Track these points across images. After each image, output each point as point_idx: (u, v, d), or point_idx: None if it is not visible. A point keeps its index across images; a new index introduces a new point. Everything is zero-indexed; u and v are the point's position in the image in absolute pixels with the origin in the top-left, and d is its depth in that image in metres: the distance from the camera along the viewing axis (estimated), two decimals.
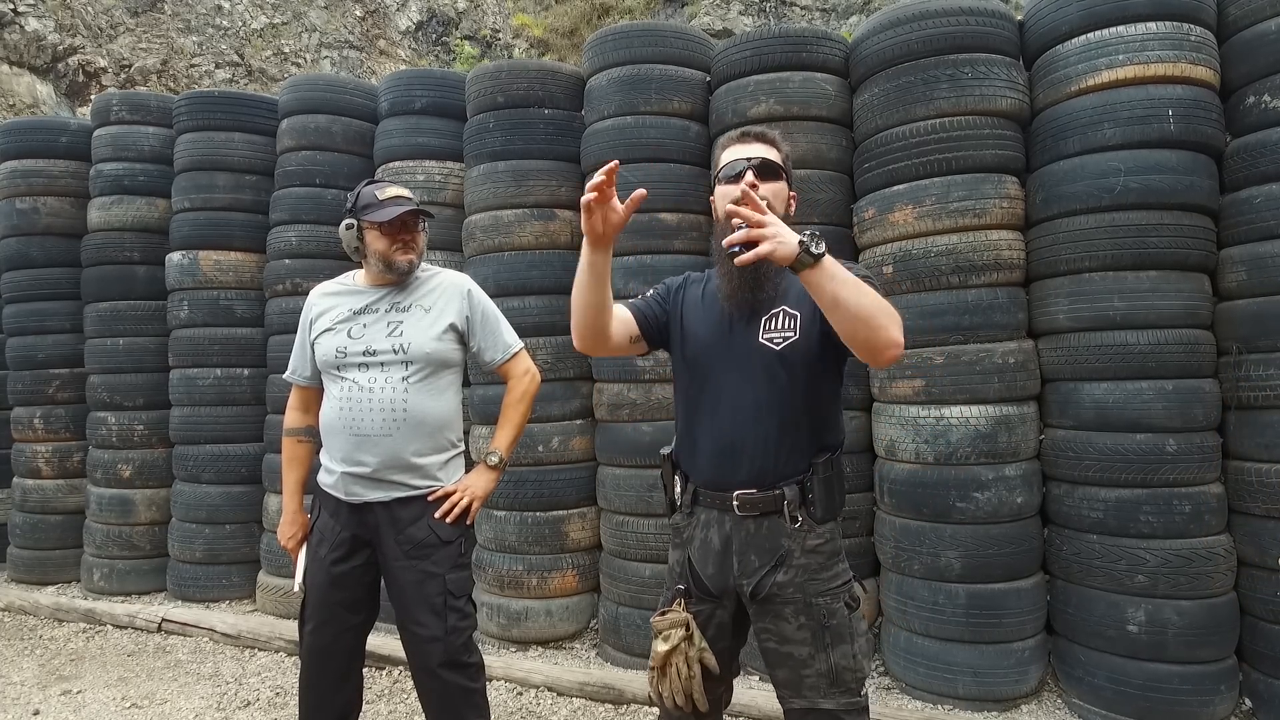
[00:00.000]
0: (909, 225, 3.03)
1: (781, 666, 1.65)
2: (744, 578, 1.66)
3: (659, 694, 1.71)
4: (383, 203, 2.11)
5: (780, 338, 1.63)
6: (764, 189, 1.62)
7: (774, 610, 1.64)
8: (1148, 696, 2.69)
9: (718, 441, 1.68)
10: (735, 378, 1.67)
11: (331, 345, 2.14)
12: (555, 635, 3.58)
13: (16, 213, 4.51)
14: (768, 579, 1.63)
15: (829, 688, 1.60)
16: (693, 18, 9.91)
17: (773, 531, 1.64)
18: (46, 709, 3.12)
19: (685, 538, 1.76)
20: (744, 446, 1.64)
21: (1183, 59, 2.79)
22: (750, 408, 1.65)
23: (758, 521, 1.65)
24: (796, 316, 1.64)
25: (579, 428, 3.61)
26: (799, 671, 1.62)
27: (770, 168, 1.68)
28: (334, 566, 2.12)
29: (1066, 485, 2.91)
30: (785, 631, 1.63)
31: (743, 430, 1.65)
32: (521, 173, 3.64)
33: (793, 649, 1.63)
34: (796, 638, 1.62)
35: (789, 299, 1.67)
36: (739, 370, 1.67)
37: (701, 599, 1.72)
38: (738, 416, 1.66)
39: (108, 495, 4.35)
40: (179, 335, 4.26)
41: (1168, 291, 2.76)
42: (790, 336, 1.63)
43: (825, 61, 3.37)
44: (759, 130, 1.77)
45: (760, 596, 1.64)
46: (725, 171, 1.71)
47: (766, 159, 1.68)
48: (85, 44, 8.90)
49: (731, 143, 1.75)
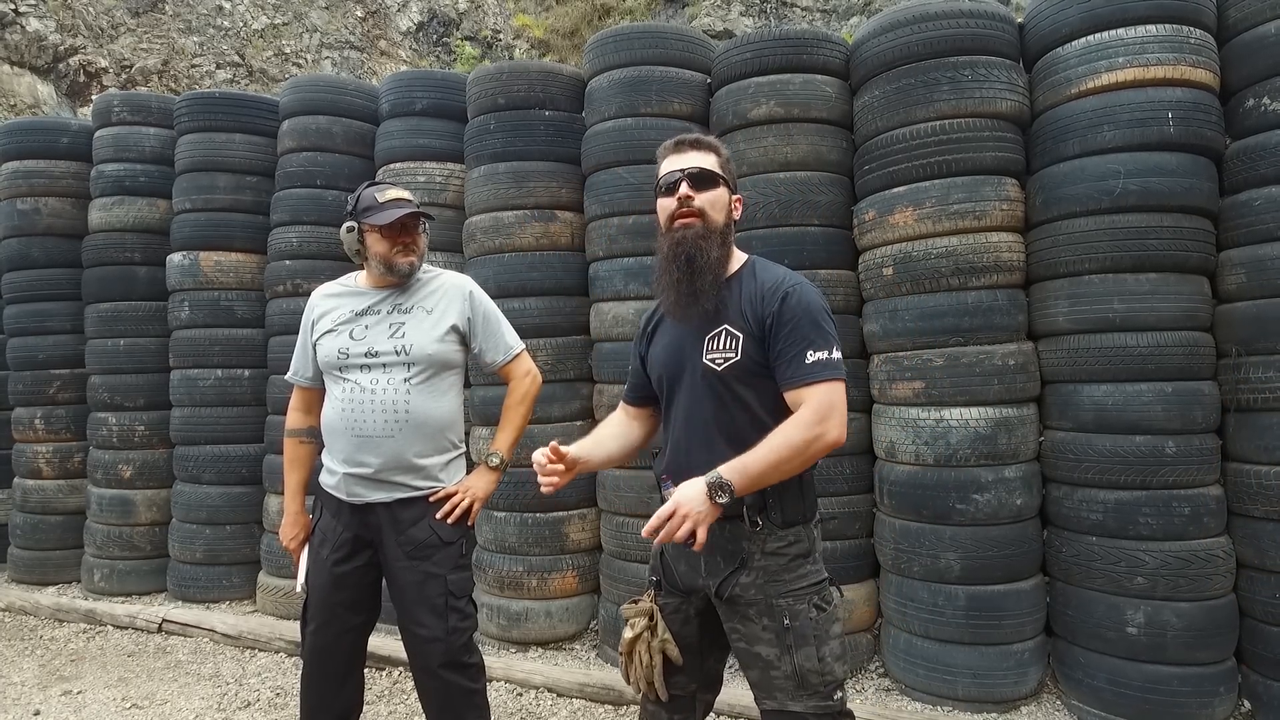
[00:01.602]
0: (909, 227, 3.03)
1: (752, 667, 1.68)
2: (710, 578, 1.69)
3: (627, 679, 1.80)
4: (383, 205, 2.11)
5: (721, 358, 1.65)
6: (700, 199, 1.66)
7: (739, 611, 1.67)
8: (1147, 698, 2.69)
9: (677, 454, 1.73)
10: (686, 396, 1.72)
11: (333, 347, 2.14)
12: (555, 636, 3.58)
13: (18, 213, 4.52)
14: (730, 580, 1.66)
15: (795, 690, 1.62)
16: (693, 19, 9.92)
17: (734, 535, 1.67)
18: (47, 709, 3.12)
19: None
20: (697, 463, 1.63)
21: (1182, 61, 2.80)
22: (700, 424, 1.69)
23: (720, 525, 1.65)
24: (738, 337, 1.64)
25: (579, 429, 3.61)
26: (767, 673, 1.65)
27: (706, 176, 1.67)
28: (336, 567, 2.13)
29: (1066, 487, 2.91)
30: (751, 632, 1.66)
31: (695, 445, 1.69)
32: (522, 174, 3.64)
33: (760, 649, 1.65)
34: (762, 638, 1.65)
35: (730, 318, 1.67)
36: (690, 389, 1.71)
37: (671, 592, 1.78)
38: (691, 433, 1.70)
39: (108, 496, 4.35)
40: (180, 336, 4.27)
41: (1167, 294, 2.77)
42: (731, 357, 1.64)
43: (826, 63, 3.38)
44: (694, 138, 1.74)
45: (725, 597, 1.67)
46: (662, 182, 1.71)
47: (702, 168, 1.67)
48: (86, 44, 8.90)
49: (668, 153, 1.74)
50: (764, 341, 1.63)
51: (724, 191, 1.69)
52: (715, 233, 1.67)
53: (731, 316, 1.66)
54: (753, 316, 1.64)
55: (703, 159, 1.68)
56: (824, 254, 3.26)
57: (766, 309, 1.63)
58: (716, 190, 1.68)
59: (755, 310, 1.64)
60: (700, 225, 1.66)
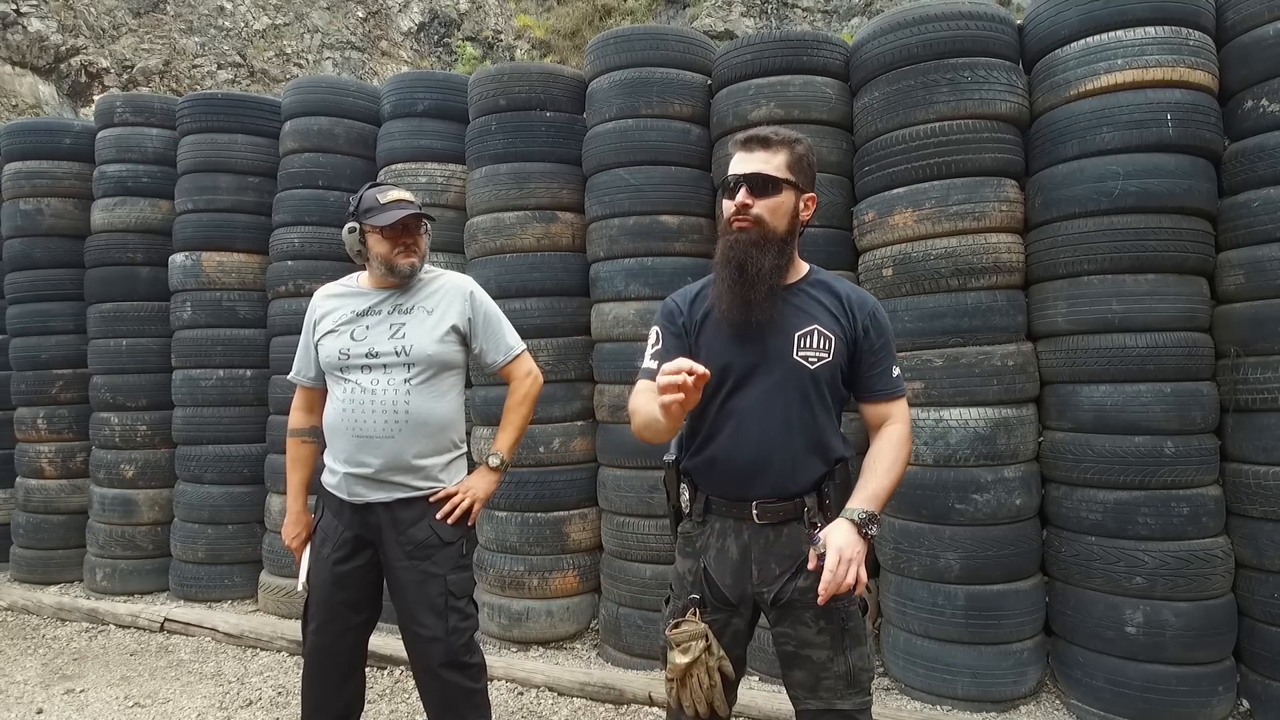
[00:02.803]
0: (909, 228, 3.04)
1: (799, 669, 1.67)
2: (764, 585, 1.67)
3: (678, 703, 1.70)
4: (384, 206, 2.12)
5: (815, 357, 1.65)
6: (759, 206, 1.61)
7: (794, 615, 1.66)
8: (1146, 698, 2.70)
9: (743, 454, 1.66)
10: (761, 389, 1.66)
11: (334, 347, 2.15)
12: (556, 635, 3.59)
13: (20, 214, 4.53)
14: (789, 585, 1.65)
15: (845, 689, 1.63)
16: (694, 19, 9.93)
17: (792, 538, 1.66)
18: (50, 708, 3.13)
19: (699, 547, 1.75)
20: (771, 460, 1.64)
21: (1181, 63, 2.80)
22: (780, 422, 1.65)
23: (777, 529, 1.66)
24: (831, 339, 1.66)
25: (580, 429, 3.62)
26: (817, 674, 1.64)
27: (766, 183, 1.61)
28: (337, 566, 2.14)
29: (1065, 487, 2.92)
30: (805, 635, 1.65)
31: (770, 444, 1.65)
32: (523, 175, 3.65)
33: (811, 652, 1.65)
34: (816, 641, 1.64)
35: (823, 320, 1.67)
36: (768, 382, 1.66)
37: (717, 608, 1.71)
38: (766, 430, 1.65)
39: (110, 495, 4.37)
40: (182, 336, 4.28)
41: (1166, 295, 2.77)
42: (825, 358, 1.65)
43: (825, 65, 3.38)
44: (763, 135, 1.66)
45: (781, 602, 1.66)
46: (726, 181, 1.67)
47: (762, 173, 1.61)
48: (88, 45, 8.92)
49: (737, 149, 1.68)
50: (850, 348, 1.67)
51: (788, 196, 1.63)
52: (773, 241, 1.62)
53: (821, 319, 1.67)
54: (845, 323, 1.67)
55: (769, 161, 1.62)
56: (824, 255, 3.27)
57: (860, 320, 1.67)
58: (779, 196, 1.62)
59: (846, 318, 1.68)
60: (755, 232, 1.62)
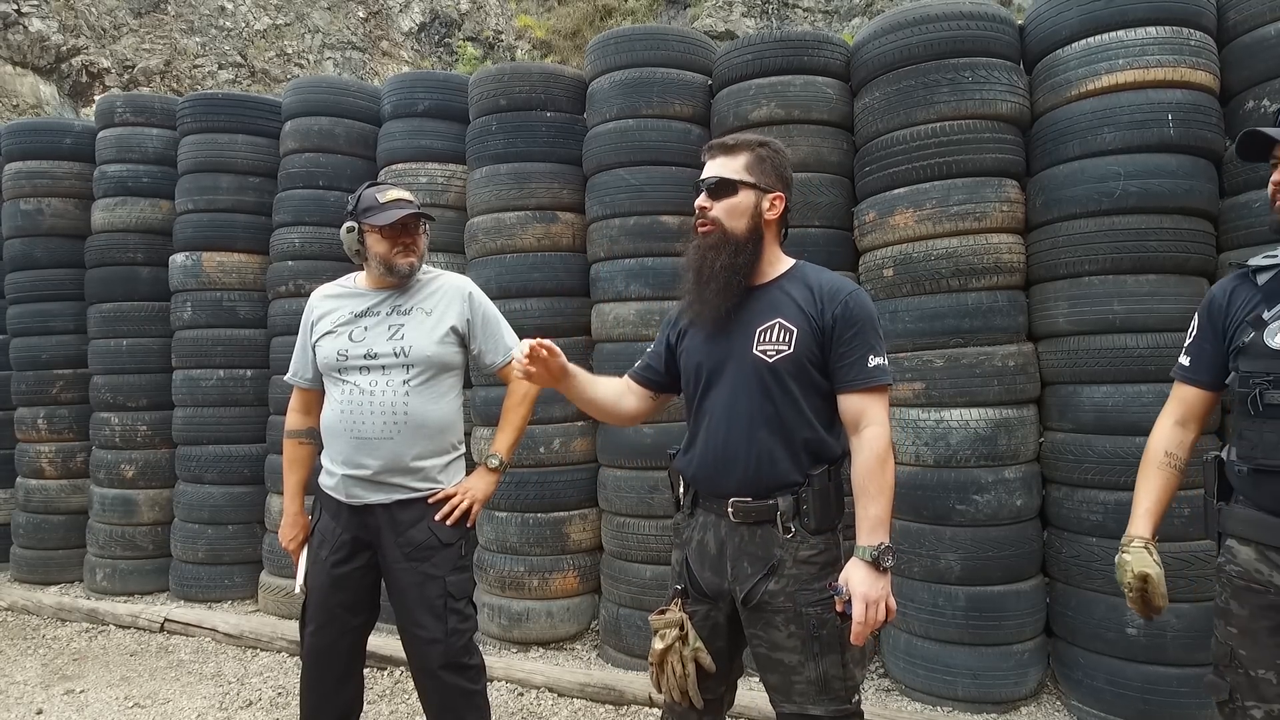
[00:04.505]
0: (909, 228, 3.03)
1: (772, 672, 1.67)
2: (736, 583, 1.68)
3: (658, 689, 1.75)
4: (383, 206, 2.12)
5: (774, 350, 1.64)
6: (716, 208, 1.68)
7: (764, 618, 1.65)
8: (1146, 699, 2.69)
9: (713, 448, 1.70)
10: (728, 387, 1.69)
11: (333, 348, 2.14)
12: (556, 636, 3.59)
13: (21, 214, 4.53)
14: (759, 587, 1.64)
15: (818, 695, 1.62)
16: (695, 20, 9.93)
17: (765, 541, 1.66)
18: (50, 708, 3.13)
19: (684, 538, 1.79)
20: (736, 455, 1.65)
21: (1182, 63, 2.80)
22: (743, 417, 1.66)
23: (751, 530, 1.66)
24: (793, 331, 1.64)
25: (580, 429, 3.62)
26: (789, 678, 1.64)
27: (723, 185, 1.68)
28: (335, 568, 2.13)
29: (1066, 488, 2.91)
30: (775, 639, 1.65)
31: (735, 439, 1.67)
32: (523, 175, 3.65)
33: (783, 656, 1.64)
34: (786, 645, 1.64)
35: (787, 312, 1.67)
36: (733, 380, 1.68)
37: (698, 599, 1.74)
38: (731, 425, 1.67)
39: (111, 495, 4.37)
40: (182, 336, 4.28)
41: (1167, 295, 2.77)
42: (784, 350, 1.64)
43: (826, 65, 3.38)
44: (726, 142, 1.74)
45: (751, 604, 1.65)
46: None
47: (720, 177, 1.69)
48: (89, 45, 8.93)
49: (704, 158, 1.76)
50: (820, 339, 1.64)
51: (745, 196, 1.68)
52: (730, 241, 1.67)
53: (785, 311, 1.67)
54: (812, 314, 1.65)
55: (727, 165, 1.69)
56: (824, 255, 3.26)
57: (829, 309, 1.64)
58: (735, 197, 1.68)
59: (814, 308, 1.65)
60: (715, 234, 1.68)
